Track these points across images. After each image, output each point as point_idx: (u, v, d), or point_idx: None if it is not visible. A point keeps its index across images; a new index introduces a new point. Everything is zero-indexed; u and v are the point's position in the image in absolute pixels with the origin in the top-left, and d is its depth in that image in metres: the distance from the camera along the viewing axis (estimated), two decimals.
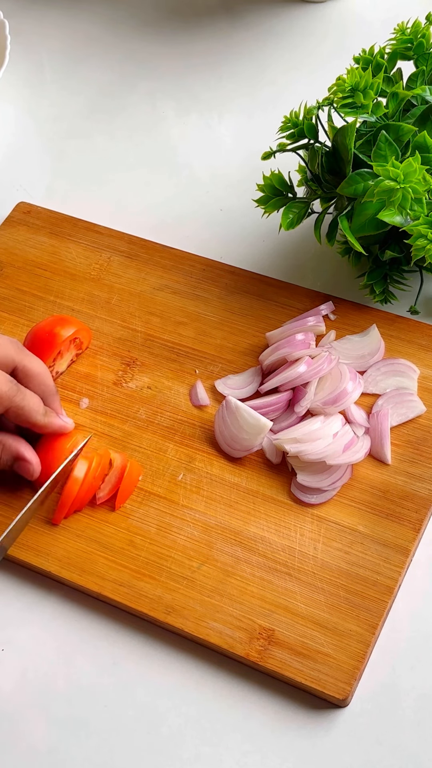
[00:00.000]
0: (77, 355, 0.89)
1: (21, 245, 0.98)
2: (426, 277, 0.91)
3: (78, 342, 0.88)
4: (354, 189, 0.83)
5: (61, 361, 0.88)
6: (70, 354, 0.88)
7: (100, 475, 0.81)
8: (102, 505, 0.82)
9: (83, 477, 0.80)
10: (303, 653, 0.74)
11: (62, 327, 0.87)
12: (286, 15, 1.15)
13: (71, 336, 0.87)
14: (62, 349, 0.87)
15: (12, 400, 0.78)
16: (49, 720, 0.75)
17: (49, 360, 0.86)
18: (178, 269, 0.94)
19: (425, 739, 0.72)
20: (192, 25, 1.16)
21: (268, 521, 0.80)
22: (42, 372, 0.81)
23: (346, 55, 0.96)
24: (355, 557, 0.77)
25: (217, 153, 1.06)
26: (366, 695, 0.74)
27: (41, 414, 0.80)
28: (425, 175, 0.80)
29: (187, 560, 0.79)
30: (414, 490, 0.80)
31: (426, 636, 0.76)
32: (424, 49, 0.89)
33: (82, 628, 0.79)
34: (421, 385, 0.85)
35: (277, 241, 0.97)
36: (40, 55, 1.16)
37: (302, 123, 0.86)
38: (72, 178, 1.06)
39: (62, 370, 0.89)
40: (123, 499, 0.81)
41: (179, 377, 0.88)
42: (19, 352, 0.80)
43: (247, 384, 0.87)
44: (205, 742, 0.74)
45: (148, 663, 0.77)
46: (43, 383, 0.81)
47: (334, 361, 0.84)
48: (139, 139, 1.08)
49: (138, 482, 0.82)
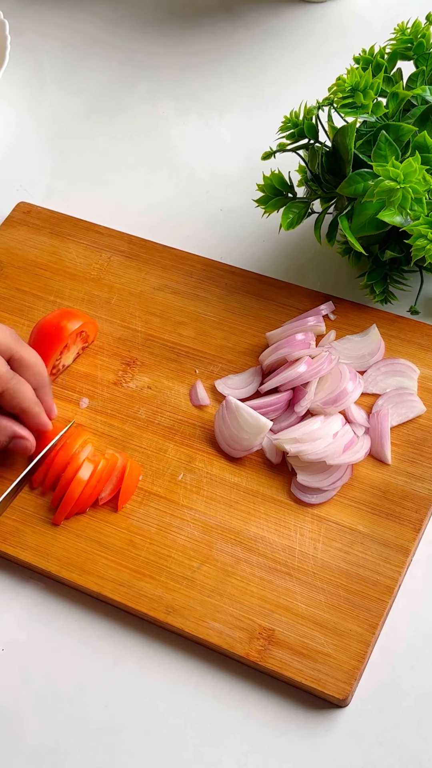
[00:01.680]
0: (83, 348, 0.89)
1: (21, 245, 0.98)
2: (426, 277, 0.91)
3: (84, 335, 0.88)
4: (354, 189, 0.83)
5: (68, 354, 0.88)
6: (77, 347, 0.89)
7: (105, 478, 0.81)
8: (103, 506, 0.82)
9: (87, 479, 0.80)
10: (303, 653, 0.74)
11: (69, 320, 0.87)
12: (286, 15, 1.15)
13: (78, 329, 0.87)
14: (69, 342, 0.87)
15: (8, 382, 0.80)
16: (49, 720, 0.75)
17: (56, 353, 0.86)
18: (178, 269, 0.94)
19: (425, 739, 0.72)
20: (192, 25, 1.16)
21: (268, 521, 0.80)
22: (37, 363, 0.83)
23: (346, 55, 0.96)
24: (355, 557, 0.77)
25: (217, 153, 1.06)
26: (366, 695, 0.74)
27: (33, 402, 0.82)
28: (425, 175, 0.80)
29: (187, 560, 0.79)
30: (414, 490, 0.80)
31: (426, 636, 0.76)
32: (424, 49, 0.89)
33: (82, 628, 0.79)
34: (421, 385, 0.85)
35: (277, 241, 0.97)
36: (40, 55, 1.16)
37: (302, 123, 0.86)
38: (72, 178, 1.06)
39: (68, 363, 0.89)
40: (125, 499, 0.81)
41: (179, 377, 0.88)
42: (15, 342, 0.82)
43: (247, 384, 0.87)
44: (205, 742, 0.74)
45: (148, 663, 0.77)
46: (38, 374, 0.83)
47: (334, 361, 0.84)
48: (139, 139, 1.08)
49: (138, 482, 0.82)
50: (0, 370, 0.79)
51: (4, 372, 0.80)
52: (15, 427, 0.82)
